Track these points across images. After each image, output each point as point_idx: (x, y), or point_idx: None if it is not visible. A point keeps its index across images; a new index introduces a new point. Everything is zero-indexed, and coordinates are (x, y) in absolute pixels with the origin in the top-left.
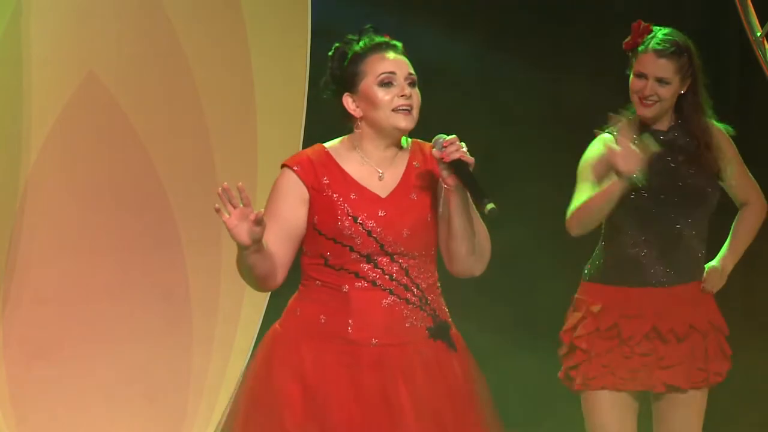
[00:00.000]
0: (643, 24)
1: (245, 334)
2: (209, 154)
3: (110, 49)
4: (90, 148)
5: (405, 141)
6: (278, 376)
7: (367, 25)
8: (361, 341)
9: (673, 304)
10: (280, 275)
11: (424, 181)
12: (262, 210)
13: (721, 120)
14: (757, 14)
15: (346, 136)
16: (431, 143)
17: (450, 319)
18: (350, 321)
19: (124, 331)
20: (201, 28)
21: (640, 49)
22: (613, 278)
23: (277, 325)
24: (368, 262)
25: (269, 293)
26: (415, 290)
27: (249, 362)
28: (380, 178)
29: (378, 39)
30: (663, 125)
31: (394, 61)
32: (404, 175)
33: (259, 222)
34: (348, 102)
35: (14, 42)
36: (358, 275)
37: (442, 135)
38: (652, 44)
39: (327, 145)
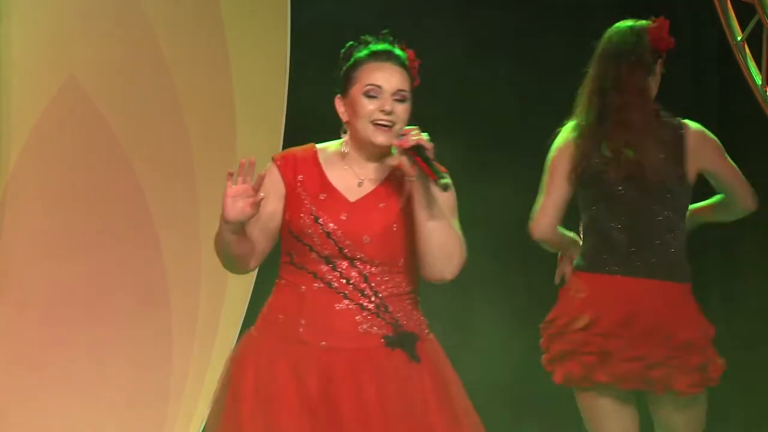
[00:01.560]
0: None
1: (224, 340)
2: (189, 157)
3: (90, 53)
4: (69, 152)
5: (395, 151)
6: (236, 376)
7: (384, 30)
8: (311, 342)
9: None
10: (253, 262)
11: (398, 190)
12: (262, 195)
13: (705, 125)
14: (737, 18)
15: (342, 138)
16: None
17: (424, 331)
18: (302, 321)
19: (104, 336)
20: (180, 31)
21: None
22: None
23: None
24: (327, 264)
25: (248, 301)
26: (372, 297)
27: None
28: (359, 184)
29: (380, 47)
30: None
31: (386, 74)
32: (383, 183)
33: (255, 206)
34: (338, 104)
35: None
36: (316, 276)
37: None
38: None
39: (319, 145)
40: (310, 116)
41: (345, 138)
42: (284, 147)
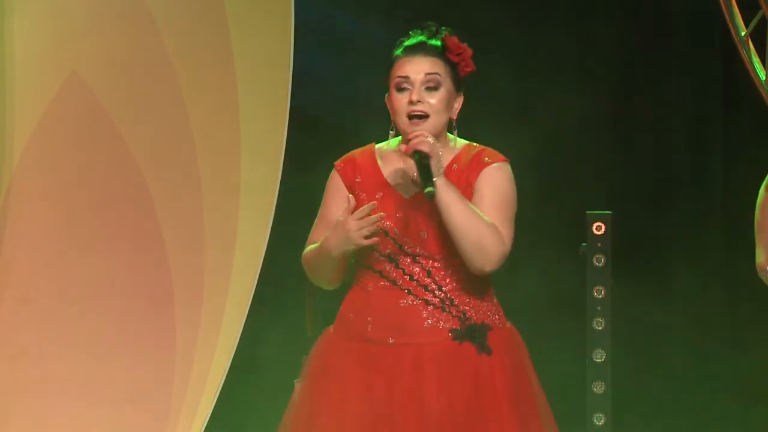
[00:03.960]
0: None
1: (228, 336)
2: (193, 154)
3: (93, 49)
4: (73, 149)
5: (457, 143)
6: (313, 373)
7: (428, 22)
8: (379, 340)
9: None
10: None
11: (455, 184)
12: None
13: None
14: (741, 14)
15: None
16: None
17: (497, 321)
18: (369, 319)
19: (107, 332)
20: (184, 27)
21: None
22: None
23: None
24: (390, 262)
25: (251, 298)
26: (436, 291)
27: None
28: (413, 180)
29: (412, 41)
30: None
31: (413, 65)
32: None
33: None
34: (387, 104)
35: None
36: (381, 274)
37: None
38: None
39: (378, 144)
40: (315, 111)
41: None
42: (288, 143)
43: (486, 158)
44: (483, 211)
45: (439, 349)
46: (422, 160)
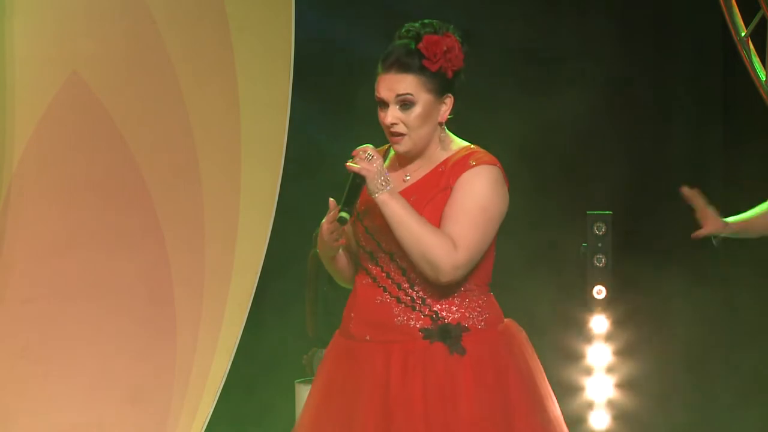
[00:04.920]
0: None
1: (229, 334)
2: (192, 152)
3: (94, 49)
4: (73, 148)
5: (454, 144)
6: (318, 371)
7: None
8: (358, 337)
9: None
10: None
11: (433, 187)
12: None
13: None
14: (741, 14)
15: None
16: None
17: (477, 322)
18: (352, 315)
19: (108, 331)
20: (185, 28)
21: None
22: None
23: None
24: (371, 260)
25: (252, 297)
26: (408, 290)
27: None
28: (406, 180)
29: (389, 54)
30: None
31: (386, 83)
32: (422, 178)
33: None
34: None
35: None
36: (366, 272)
37: (367, 145)
38: None
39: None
40: (315, 110)
41: None
42: (288, 140)
43: (472, 161)
44: (450, 214)
45: (408, 348)
46: (355, 179)
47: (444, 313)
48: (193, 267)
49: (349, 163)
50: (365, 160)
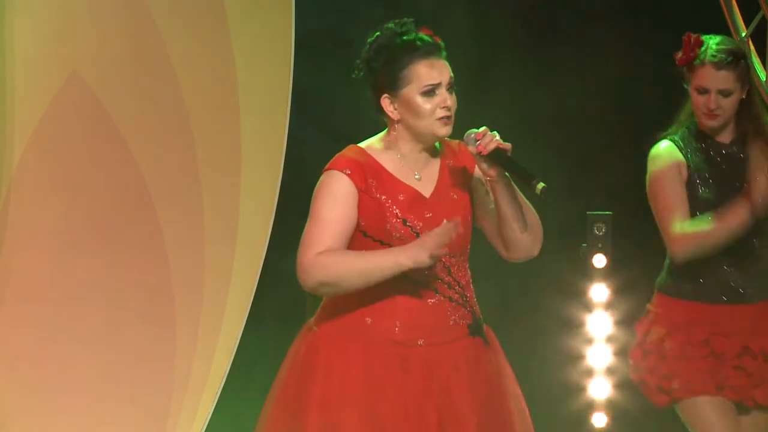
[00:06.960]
0: (693, 36)
1: (229, 334)
2: (192, 152)
3: (94, 49)
4: (73, 148)
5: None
6: (321, 378)
7: (409, 20)
8: (408, 342)
9: (762, 321)
10: None
11: (459, 180)
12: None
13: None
14: (741, 14)
15: (379, 136)
16: (463, 140)
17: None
18: (397, 322)
19: (108, 331)
20: (185, 28)
21: (696, 62)
22: (695, 294)
23: (312, 324)
24: None
25: (252, 296)
26: (456, 288)
27: (283, 364)
28: (418, 179)
29: (424, 41)
30: (726, 138)
31: (439, 70)
32: (440, 175)
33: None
34: (386, 104)
35: None
36: (405, 275)
37: (472, 130)
38: (708, 57)
39: (363, 145)
40: (315, 109)
41: (392, 134)
42: (288, 141)
43: (462, 147)
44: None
45: (464, 346)
46: (504, 158)
47: (476, 308)
48: (193, 267)
49: (498, 139)
50: (497, 139)
